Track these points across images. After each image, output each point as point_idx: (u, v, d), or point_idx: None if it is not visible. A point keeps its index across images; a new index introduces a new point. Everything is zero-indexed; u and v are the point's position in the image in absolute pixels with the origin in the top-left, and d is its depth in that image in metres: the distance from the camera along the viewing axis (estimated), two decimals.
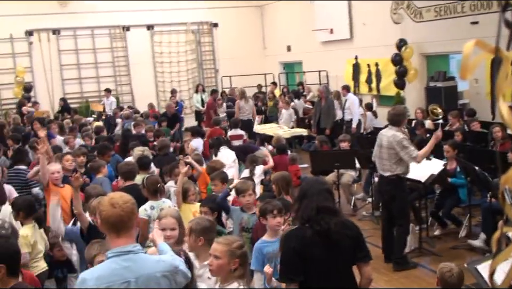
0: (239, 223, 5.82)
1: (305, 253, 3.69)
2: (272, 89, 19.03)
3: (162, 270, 3.00)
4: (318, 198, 3.77)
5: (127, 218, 2.99)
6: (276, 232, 4.80)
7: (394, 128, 7.12)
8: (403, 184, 7.27)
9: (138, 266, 2.94)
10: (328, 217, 3.71)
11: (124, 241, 2.99)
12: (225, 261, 3.64)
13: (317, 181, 4.05)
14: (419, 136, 9.74)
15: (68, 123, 13.77)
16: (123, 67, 21.35)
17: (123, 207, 2.97)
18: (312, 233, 3.69)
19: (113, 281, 2.87)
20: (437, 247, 7.87)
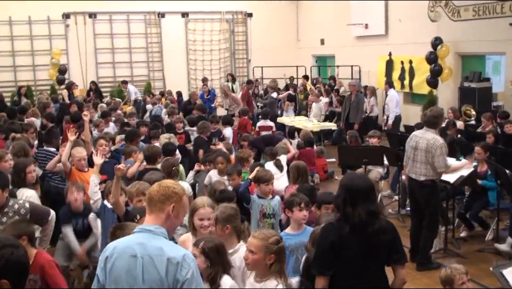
0: (260, 210, 5.86)
1: (342, 248, 3.68)
2: (303, 82, 18.96)
3: (169, 256, 3.02)
4: (367, 201, 3.74)
5: (160, 199, 3.12)
6: (300, 226, 4.82)
7: (432, 131, 6.97)
8: (437, 189, 7.17)
9: (150, 246, 3.04)
10: (376, 220, 3.72)
11: (151, 220, 3.14)
12: (261, 256, 3.65)
13: (362, 180, 3.93)
14: (450, 137, 9.60)
15: (102, 108, 13.90)
16: (156, 53, 21.50)
17: (161, 187, 3.16)
18: (350, 229, 3.68)
19: (125, 253, 3.06)
20: (462, 249, 7.77)
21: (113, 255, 3.09)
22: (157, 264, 3.00)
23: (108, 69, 20.68)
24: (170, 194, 3.14)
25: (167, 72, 21.54)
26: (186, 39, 21.86)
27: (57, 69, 18.95)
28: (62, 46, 19.78)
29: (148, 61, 21.44)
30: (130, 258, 3.04)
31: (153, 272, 2.99)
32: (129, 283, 3.01)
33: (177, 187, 3.21)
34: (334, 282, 3.73)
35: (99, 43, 20.57)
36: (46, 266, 4.15)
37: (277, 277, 3.64)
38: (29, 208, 4.84)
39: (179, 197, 3.17)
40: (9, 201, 4.80)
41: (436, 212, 7.16)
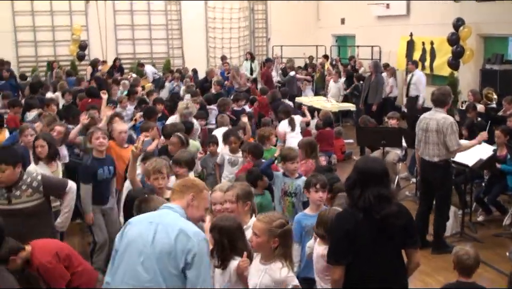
0: (282, 188, 5.88)
1: (357, 235, 3.65)
2: (323, 62, 18.86)
3: (182, 228, 3.22)
4: (379, 186, 3.70)
5: (181, 189, 3.49)
6: (318, 206, 4.84)
7: (441, 110, 6.92)
8: (451, 170, 7.14)
9: (167, 217, 3.32)
10: (386, 204, 3.67)
11: (174, 203, 3.46)
12: (264, 239, 3.65)
13: (376, 164, 3.89)
14: (469, 119, 9.53)
15: (125, 84, 13.94)
16: (176, 30, 21.48)
17: (183, 181, 3.58)
18: (364, 216, 3.66)
19: (142, 220, 3.38)
20: (479, 233, 7.76)
21: (131, 222, 3.39)
22: (169, 231, 3.19)
23: (128, 46, 20.72)
24: (190, 185, 3.48)
25: (186, 50, 21.53)
26: (206, 17, 21.80)
27: (78, 44, 19.02)
28: (82, 22, 19.82)
29: (167, 38, 21.43)
30: (145, 224, 3.30)
31: (165, 236, 3.18)
32: (140, 244, 3.20)
33: (198, 181, 3.62)
34: (349, 269, 3.71)
35: (119, 19, 20.58)
36: (40, 270, 4.24)
37: (282, 259, 3.64)
38: (41, 180, 4.85)
39: (199, 189, 3.50)
40: (23, 175, 4.83)
41: (447, 195, 7.13)
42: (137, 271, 3.14)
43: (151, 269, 3.11)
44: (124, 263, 3.22)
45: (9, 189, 4.69)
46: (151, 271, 3.11)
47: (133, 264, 3.16)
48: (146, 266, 3.12)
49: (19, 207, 4.69)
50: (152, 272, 3.10)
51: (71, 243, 6.02)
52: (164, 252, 3.12)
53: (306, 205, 5.50)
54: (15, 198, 4.69)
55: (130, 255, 3.20)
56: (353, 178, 3.81)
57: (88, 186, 6.12)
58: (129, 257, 3.20)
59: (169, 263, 3.11)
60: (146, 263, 3.13)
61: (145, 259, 3.13)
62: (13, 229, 4.67)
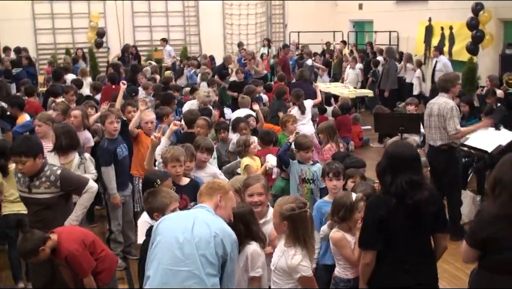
0: (299, 175, 5.90)
1: (390, 221, 3.68)
2: (341, 48, 18.75)
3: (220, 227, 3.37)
4: (410, 171, 3.72)
5: (208, 192, 3.64)
6: (334, 194, 4.87)
7: (446, 95, 6.93)
8: (456, 154, 7.10)
9: (203, 215, 3.43)
10: (418, 190, 3.69)
11: (204, 203, 3.60)
12: (276, 221, 3.76)
13: (407, 149, 3.89)
14: (489, 106, 9.45)
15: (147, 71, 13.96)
16: (193, 17, 21.48)
17: (210, 184, 3.73)
18: (397, 202, 3.68)
19: (178, 215, 3.61)
20: None
21: (166, 219, 3.53)
22: (208, 223, 3.32)
23: (145, 33, 20.78)
24: (216, 188, 3.62)
25: (203, 37, 21.55)
26: (223, 3, 21.75)
27: (96, 32, 19.10)
28: (100, 9, 19.90)
29: (184, 25, 21.44)
30: (184, 216, 3.50)
31: (204, 227, 3.30)
32: (178, 232, 3.30)
33: (223, 183, 3.80)
34: (380, 255, 3.74)
35: (136, 6, 20.64)
36: (68, 258, 4.26)
37: (296, 246, 3.67)
38: (59, 175, 4.77)
39: (225, 190, 3.65)
40: (44, 166, 4.82)
41: (455, 180, 7.09)
42: (175, 254, 3.22)
43: (190, 254, 3.20)
44: (160, 250, 3.29)
45: (31, 178, 4.74)
46: (190, 256, 3.20)
47: (171, 248, 3.25)
48: (185, 251, 3.20)
49: (37, 196, 4.74)
50: (191, 257, 3.19)
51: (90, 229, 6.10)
52: (203, 239, 3.23)
53: (324, 191, 5.56)
54: (34, 187, 4.74)
55: (167, 241, 3.29)
56: (383, 164, 3.83)
57: (110, 168, 6.25)
58: (166, 243, 3.29)
59: (207, 250, 3.21)
60: (185, 247, 3.21)
61: (184, 244, 3.22)
62: (33, 216, 4.83)
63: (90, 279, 4.34)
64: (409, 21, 17.42)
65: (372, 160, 8.73)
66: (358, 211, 4.28)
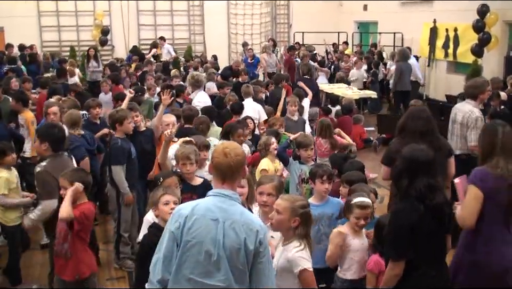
0: (299, 175, 5.90)
1: (420, 228, 3.67)
2: (344, 49, 18.73)
3: (248, 223, 3.18)
4: (427, 175, 3.74)
5: (235, 169, 3.26)
6: (323, 196, 4.82)
7: (472, 103, 6.71)
8: (474, 164, 6.99)
9: (230, 211, 3.19)
10: (436, 194, 3.72)
11: (226, 186, 3.27)
12: (286, 216, 3.67)
13: (424, 152, 3.90)
14: (493, 108, 9.41)
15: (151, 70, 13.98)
16: (197, 16, 21.51)
17: (234, 158, 3.24)
18: (425, 208, 3.68)
19: (205, 215, 3.18)
20: None
21: (193, 216, 3.19)
22: (237, 229, 3.13)
23: (150, 31, 20.79)
24: (242, 162, 3.32)
25: (207, 36, 21.57)
26: (228, 3, 21.77)
27: (100, 30, 19.10)
28: (105, 7, 19.93)
29: (189, 24, 21.47)
30: (211, 222, 3.16)
31: (234, 236, 3.12)
32: (210, 245, 3.12)
33: (242, 153, 3.34)
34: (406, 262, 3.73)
35: (141, 5, 20.68)
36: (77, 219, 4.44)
37: (301, 240, 3.67)
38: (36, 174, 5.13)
39: (243, 164, 3.36)
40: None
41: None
42: (208, 269, 3.13)
43: (223, 267, 3.11)
44: (190, 261, 3.16)
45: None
46: (223, 269, 3.11)
47: (204, 262, 3.13)
48: (218, 265, 3.11)
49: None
50: (224, 270, 3.11)
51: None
52: (233, 251, 3.11)
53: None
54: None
55: (198, 253, 3.14)
56: (399, 167, 3.84)
57: (121, 167, 6.24)
58: (197, 255, 3.14)
59: (238, 260, 3.12)
60: (218, 262, 3.11)
61: (217, 259, 3.11)
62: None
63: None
64: (413, 22, 17.41)
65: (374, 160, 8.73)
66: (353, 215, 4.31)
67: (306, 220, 3.72)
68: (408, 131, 5.36)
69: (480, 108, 6.96)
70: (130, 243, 6.48)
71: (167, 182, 4.78)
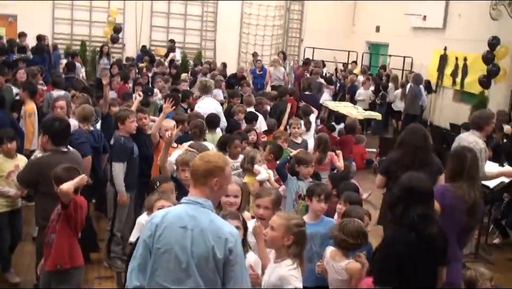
0: (296, 191, 5.87)
1: (409, 257, 3.68)
2: (352, 68, 18.77)
3: (218, 231, 3.13)
4: (422, 204, 3.75)
5: (206, 173, 3.21)
6: (317, 215, 4.79)
7: (477, 134, 6.73)
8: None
9: (200, 219, 3.15)
10: (430, 224, 3.74)
11: (198, 192, 3.23)
12: (280, 234, 3.65)
13: (422, 182, 3.89)
14: (495, 141, 9.43)
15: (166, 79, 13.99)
16: (210, 22, 21.60)
17: (204, 163, 3.24)
18: (416, 238, 3.69)
19: (175, 223, 3.16)
20: (494, 256, 7.70)
21: (163, 223, 3.18)
22: (205, 238, 3.10)
23: (162, 33, 20.87)
24: (212, 169, 3.23)
25: (219, 43, 21.63)
26: (242, 12, 21.85)
27: (113, 27, 19.15)
28: (120, 5, 20.01)
29: (201, 30, 21.55)
30: (180, 229, 3.14)
31: (202, 244, 3.10)
32: (179, 252, 3.11)
33: (219, 160, 3.28)
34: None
35: (156, 6, 20.77)
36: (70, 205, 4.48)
37: (294, 259, 3.64)
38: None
39: (221, 170, 3.25)
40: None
41: None
42: (179, 276, 3.13)
43: (193, 275, 3.11)
44: (162, 268, 3.16)
45: None
46: (192, 276, 3.11)
47: (174, 269, 3.13)
48: (188, 273, 3.11)
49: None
50: (194, 278, 3.11)
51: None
52: (202, 259, 3.10)
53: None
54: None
55: (169, 260, 3.14)
56: (396, 194, 3.85)
57: (122, 164, 6.24)
58: (167, 262, 3.14)
59: (208, 268, 3.11)
60: (187, 269, 3.11)
61: (186, 266, 3.11)
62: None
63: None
64: (424, 48, 17.47)
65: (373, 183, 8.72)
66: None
67: (300, 239, 3.69)
68: (405, 145, 5.86)
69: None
70: (122, 243, 6.46)
71: (163, 186, 4.79)
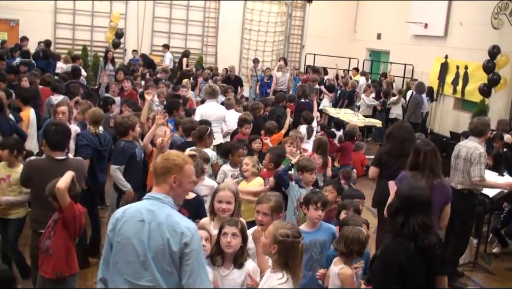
0: (297, 199, 5.86)
1: (410, 267, 3.71)
2: (353, 74, 18.80)
3: (174, 225, 3.23)
4: (422, 214, 3.78)
5: (163, 171, 3.38)
6: (315, 223, 4.81)
7: (476, 140, 6.90)
8: (475, 200, 7.04)
9: (158, 213, 3.28)
10: (429, 234, 3.76)
11: (158, 189, 3.39)
12: (268, 241, 3.66)
13: (422, 192, 3.94)
14: (496, 150, 9.43)
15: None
16: (212, 28, 21.63)
17: (165, 161, 3.39)
18: (415, 247, 3.72)
19: (134, 217, 3.32)
20: (492, 265, 7.70)
21: (123, 217, 3.34)
22: (161, 231, 3.22)
23: (163, 39, 20.85)
24: (170, 167, 3.37)
25: (220, 48, 21.66)
26: (243, 17, 21.88)
27: (115, 32, 19.14)
28: (122, 10, 20.02)
29: (202, 35, 21.59)
30: (138, 223, 3.28)
31: (158, 237, 3.21)
32: (136, 244, 3.24)
33: (178, 158, 3.42)
34: None
35: (158, 11, 20.81)
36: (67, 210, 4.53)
37: (284, 271, 3.55)
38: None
39: (179, 167, 3.39)
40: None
41: (466, 225, 7.03)
42: (137, 269, 3.23)
43: (150, 268, 3.21)
44: (122, 261, 3.29)
45: None
46: (149, 270, 3.21)
47: (132, 261, 3.25)
48: (145, 265, 3.22)
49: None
50: (151, 271, 3.21)
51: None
52: (158, 252, 3.20)
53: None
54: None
55: (128, 253, 3.27)
56: (396, 205, 3.87)
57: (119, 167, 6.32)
58: (126, 255, 3.27)
59: (164, 261, 3.20)
60: (144, 262, 3.21)
61: (144, 259, 3.21)
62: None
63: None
64: (425, 55, 17.49)
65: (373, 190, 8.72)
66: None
67: (285, 249, 3.57)
68: (393, 137, 6.79)
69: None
70: None
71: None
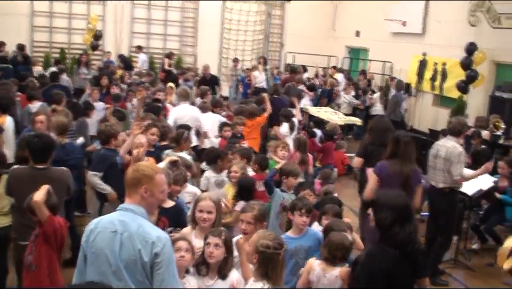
0: (281, 203, 5.89)
1: (395, 273, 3.73)
2: (332, 72, 18.88)
3: (144, 236, 3.25)
4: (410, 221, 3.83)
5: (133, 182, 3.39)
6: (300, 230, 4.84)
7: (454, 139, 7.03)
8: (455, 198, 7.16)
9: (130, 224, 3.30)
10: (416, 241, 3.83)
11: (130, 200, 3.41)
12: (250, 250, 3.68)
13: (403, 199, 3.98)
14: (474, 147, 9.54)
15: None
16: (190, 28, 21.56)
17: (135, 172, 3.41)
18: (401, 254, 3.74)
19: (106, 228, 3.34)
20: (472, 262, 7.80)
21: (96, 228, 3.37)
22: (133, 241, 3.25)
23: (142, 40, 20.76)
24: (140, 177, 3.39)
25: (199, 49, 21.59)
26: (222, 17, 21.82)
27: (93, 34, 18.97)
28: (99, 12, 19.89)
29: (181, 35, 21.51)
30: (110, 234, 3.31)
31: (130, 247, 3.24)
32: (109, 255, 3.27)
33: (147, 169, 3.44)
34: None
35: (136, 12, 20.70)
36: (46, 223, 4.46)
37: (264, 281, 3.55)
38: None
39: (149, 178, 3.40)
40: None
41: (450, 224, 7.13)
42: (110, 279, 3.24)
43: (123, 278, 3.24)
44: (94, 271, 3.31)
45: None
46: (123, 280, 3.24)
47: (106, 272, 3.27)
48: (118, 276, 3.24)
49: None
50: (124, 281, 3.24)
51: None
52: (130, 262, 3.23)
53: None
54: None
55: (101, 263, 3.29)
56: (392, 216, 3.79)
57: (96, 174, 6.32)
58: (100, 266, 3.29)
59: (137, 271, 3.23)
60: (117, 272, 3.25)
61: (116, 269, 3.25)
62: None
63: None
64: (404, 53, 17.61)
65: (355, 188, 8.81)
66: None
67: (266, 260, 3.57)
68: (375, 130, 7.33)
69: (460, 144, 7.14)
70: None
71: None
